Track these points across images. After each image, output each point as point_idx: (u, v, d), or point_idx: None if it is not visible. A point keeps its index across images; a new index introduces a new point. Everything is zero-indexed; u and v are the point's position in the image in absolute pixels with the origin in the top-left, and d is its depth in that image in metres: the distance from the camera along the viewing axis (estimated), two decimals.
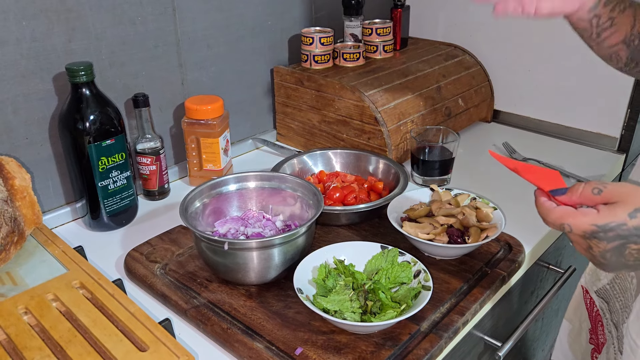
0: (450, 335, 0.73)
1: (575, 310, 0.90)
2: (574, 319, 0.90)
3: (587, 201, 0.56)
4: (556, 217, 0.57)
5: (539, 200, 0.60)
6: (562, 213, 0.57)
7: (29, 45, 0.89)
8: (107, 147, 0.91)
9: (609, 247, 0.55)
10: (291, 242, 0.78)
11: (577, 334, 0.89)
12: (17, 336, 0.61)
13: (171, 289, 0.80)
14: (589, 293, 0.85)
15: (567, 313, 0.91)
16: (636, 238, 0.53)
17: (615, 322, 0.80)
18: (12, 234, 0.71)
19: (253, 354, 0.69)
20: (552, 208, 0.58)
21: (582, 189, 0.56)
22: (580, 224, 0.55)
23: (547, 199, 0.60)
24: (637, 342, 0.71)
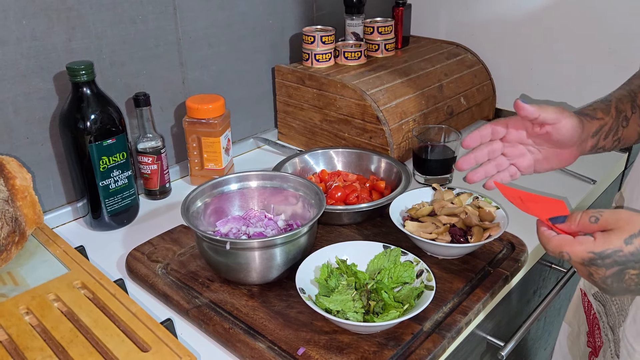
0: (453, 335, 0.72)
1: (575, 313, 0.89)
2: (573, 321, 0.90)
3: (584, 229, 0.58)
4: (555, 245, 0.59)
5: (539, 229, 0.62)
6: (560, 242, 0.58)
7: (29, 44, 0.88)
8: (108, 146, 0.91)
9: (608, 273, 0.56)
10: (293, 242, 0.77)
11: (575, 337, 0.89)
12: (19, 336, 0.60)
13: (173, 289, 0.80)
14: (587, 296, 0.85)
15: (567, 316, 0.91)
16: (633, 264, 0.54)
17: (612, 325, 0.79)
18: (13, 234, 0.71)
19: (255, 354, 0.68)
20: (551, 237, 0.60)
21: (580, 217, 0.58)
22: (578, 252, 0.56)
23: (547, 227, 0.62)
24: (634, 347, 0.71)
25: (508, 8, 1.33)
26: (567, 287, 1.06)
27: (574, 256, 0.57)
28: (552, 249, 0.59)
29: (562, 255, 0.58)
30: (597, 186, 1.11)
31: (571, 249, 0.57)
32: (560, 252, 0.58)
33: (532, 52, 1.33)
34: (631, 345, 0.71)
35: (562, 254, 0.58)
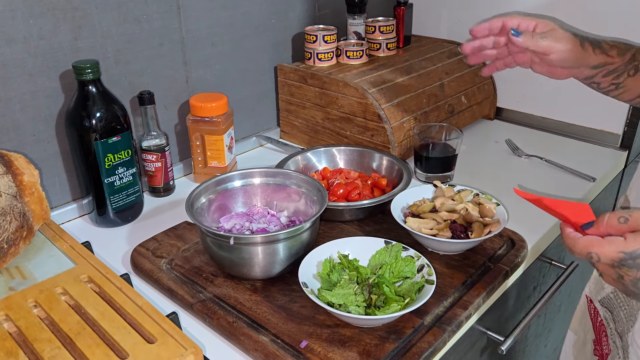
0: (453, 329, 0.73)
1: (580, 320, 0.89)
2: (578, 329, 0.89)
3: (613, 231, 0.55)
4: (583, 246, 0.56)
5: (564, 232, 0.59)
6: (588, 242, 0.56)
7: (36, 43, 0.90)
8: (113, 144, 0.92)
9: (637, 275, 0.53)
10: (296, 237, 0.79)
11: (582, 345, 0.89)
12: (28, 328, 0.62)
13: (177, 284, 0.81)
14: (593, 303, 0.84)
15: (572, 324, 0.91)
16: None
17: (620, 331, 0.79)
18: (21, 229, 0.72)
19: (259, 347, 0.70)
20: (578, 238, 0.57)
21: (608, 218, 0.55)
22: (608, 252, 0.54)
23: (572, 229, 0.59)
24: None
25: (508, 7, 1.34)
26: (567, 284, 1.07)
27: (604, 257, 0.54)
28: (579, 250, 0.56)
29: (590, 256, 0.55)
30: (597, 184, 1.12)
31: (600, 250, 0.54)
32: (588, 252, 0.55)
33: None
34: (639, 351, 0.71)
35: (590, 255, 0.55)
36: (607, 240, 0.54)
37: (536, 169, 1.17)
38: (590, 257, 0.55)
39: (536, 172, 1.16)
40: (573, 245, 0.57)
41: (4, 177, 0.71)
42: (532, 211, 1.00)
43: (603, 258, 0.54)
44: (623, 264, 0.53)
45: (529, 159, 1.21)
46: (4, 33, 0.86)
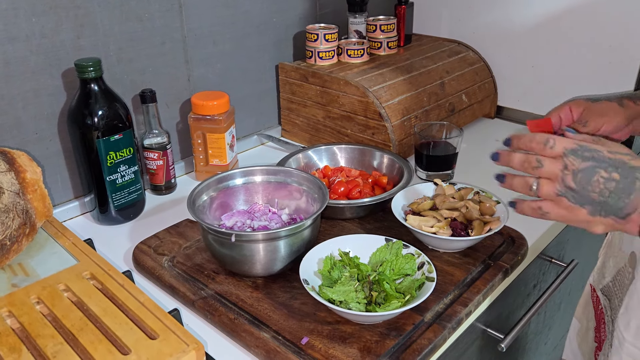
0: (453, 326, 0.74)
1: (584, 309, 0.90)
2: (582, 318, 0.91)
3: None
4: (543, 135, 0.61)
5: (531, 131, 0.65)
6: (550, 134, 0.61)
7: (38, 41, 0.90)
8: (115, 141, 0.93)
9: (582, 166, 0.58)
10: (297, 235, 0.79)
11: (584, 332, 0.90)
12: (31, 324, 0.62)
13: (179, 281, 0.82)
14: (595, 291, 0.86)
15: (577, 312, 0.92)
16: (607, 166, 0.58)
17: (613, 318, 0.80)
18: (24, 226, 0.72)
19: (260, 343, 0.70)
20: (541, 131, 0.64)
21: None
22: (564, 141, 0.60)
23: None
24: (624, 335, 0.72)
25: (509, 6, 1.35)
26: (567, 282, 1.07)
27: (559, 143, 0.59)
28: (539, 137, 0.61)
29: (547, 141, 0.60)
30: None
31: (558, 139, 0.60)
32: (547, 138, 0.60)
33: (533, 49, 1.34)
34: (622, 334, 0.72)
35: (548, 139, 0.60)
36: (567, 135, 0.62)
37: None
38: (547, 141, 0.60)
39: None
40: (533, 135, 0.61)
41: (7, 175, 0.72)
42: None
43: (558, 143, 0.59)
44: (573, 152, 0.59)
45: None
46: (6, 31, 0.86)
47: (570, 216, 0.61)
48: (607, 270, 0.83)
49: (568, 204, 0.60)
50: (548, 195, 0.61)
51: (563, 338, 1.39)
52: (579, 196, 0.59)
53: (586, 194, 0.59)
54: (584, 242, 1.25)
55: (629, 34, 1.19)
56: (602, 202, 0.59)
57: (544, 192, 0.62)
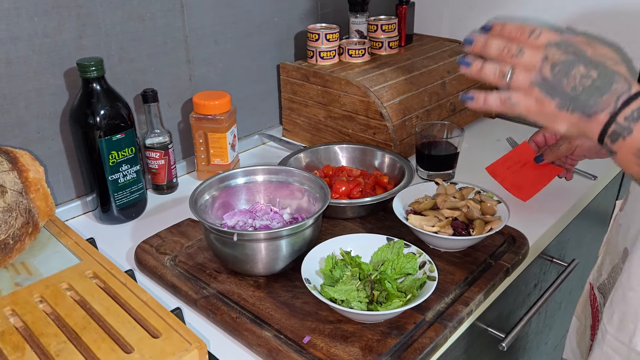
0: (454, 325, 0.74)
1: (583, 307, 0.91)
2: (581, 316, 0.91)
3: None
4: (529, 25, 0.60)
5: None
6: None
7: (40, 41, 0.90)
8: (117, 141, 0.93)
9: (563, 58, 0.58)
10: (299, 234, 0.79)
11: (583, 331, 0.91)
12: (34, 323, 0.62)
13: (181, 280, 0.82)
14: (593, 289, 0.86)
15: (576, 310, 0.92)
16: (587, 62, 0.57)
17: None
18: (26, 225, 0.73)
19: (262, 342, 0.70)
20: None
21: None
22: (550, 34, 0.59)
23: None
24: (607, 327, 0.72)
25: (509, 6, 1.35)
26: (567, 281, 1.07)
27: (545, 34, 0.59)
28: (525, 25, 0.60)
29: (533, 30, 0.60)
30: (598, 182, 1.12)
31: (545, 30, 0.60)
32: (533, 28, 0.60)
33: None
34: (605, 326, 0.73)
35: (534, 29, 0.60)
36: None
37: None
38: (533, 29, 0.60)
39: None
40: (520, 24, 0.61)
41: (9, 174, 0.72)
42: (533, 209, 1.01)
43: (543, 35, 0.59)
44: (557, 44, 0.59)
45: None
46: (9, 31, 0.86)
47: (538, 108, 0.61)
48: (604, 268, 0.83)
49: (539, 95, 0.60)
50: (522, 84, 0.61)
51: (563, 338, 1.39)
52: (551, 87, 0.59)
53: (560, 85, 0.58)
54: (584, 241, 1.25)
55: (629, 35, 1.20)
56: (573, 96, 0.58)
57: (518, 80, 0.61)
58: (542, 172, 1.01)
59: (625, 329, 0.70)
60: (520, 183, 0.93)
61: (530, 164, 1.01)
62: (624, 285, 0.70)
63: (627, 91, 0.57)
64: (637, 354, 0.69)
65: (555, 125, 0.61)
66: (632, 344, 0.69)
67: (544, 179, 1.01)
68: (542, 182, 1.01)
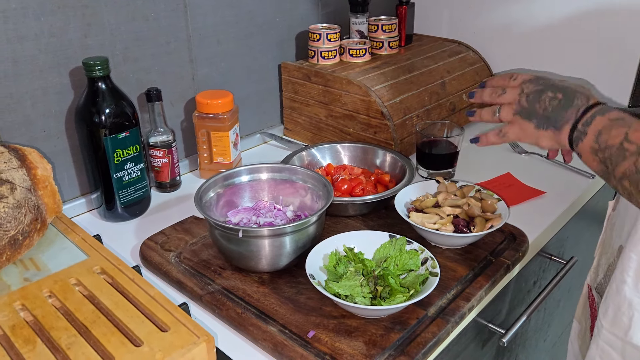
0: (456, 320, 0.75)
1: (583, 310, 0.92)
2: (581, 319, 0.92)
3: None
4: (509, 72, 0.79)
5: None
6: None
7: (47, 40, 0.91)
8: (122, 139, 0.94)
9: (534, 89, 0.74)
10: (302, 231, 0.80)
11: (583, 333, 0.91)
12: (44, 317, 0.63)
13: (186, 276, 0.83)
14: (591, 291, 0.88)
15: (576, 313, 0.93)
16: (554, 89, 0.72)
17: None
18: (35, 222, 0.74)
19: (267, 336, 0.72)
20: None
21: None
22: (525, 75, 0.77)
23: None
24: (602, 322, 0.74)
25: (509, 6, 1.36)
26: (566, 279, 1.09)
27: (520, 76, 0.77)
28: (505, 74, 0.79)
29: (512, 75, 0.78)
30: (595, 180, 1.14)
31: (520, 74, 0.78)
32: (512, 74, 0.78)
33: (533, 49, 1.36)
34: (600, 321, 0.74)
35: (512, 75, 0.78)
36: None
37: (536, 166, 1.19)
38: (511, 75, 0.78)
39: (536, 169, 1.18)
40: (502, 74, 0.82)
41: (18, 171, 0.73)
42: (532, 207, 1.03)
43: (519, 77, 0.77)
44: (530, 81, 0.75)
45: (529, 156, 1.23)
46: (15, 30, 0.87)
47: (522, 132, 0.75)
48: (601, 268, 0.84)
49: (520, 121, 0.75)
50: (507, 116, 0.76)
51: (562, 335, 1.41)
52: (528, 112, 0.74)
53: (533, 109, 0.73)
54: (583, 239, 1.27)
55: (629, 34, 1.21)
56: (545, 116, 0.72)
57: (504, 114, 0.77)
58: (525, 192, 1.08)
59: (620, 323, 0.71)
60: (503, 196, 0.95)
61: (514, 187, 1.10)
62: (617, 279, 0.72)
63: (585, 104, 0.70)
64: (632, 347, 0.70)
65: (538, 142, 0.75)
66: (627, 337, 0.71)
67: (525, 198, 1.06)
68: (522, 198, 1.06)
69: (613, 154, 0.64)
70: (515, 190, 1.08)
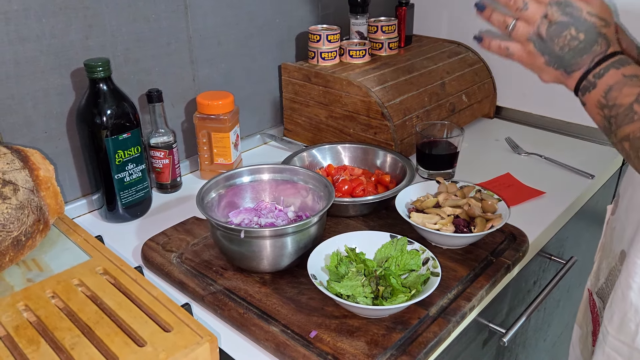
0: (457, 320, 0.76)
1: (584, 315, 0.92)
2: (582, 324, 0.92)
3: None
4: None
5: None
6: None
7: (48, 41, 0.91)
8: (124, 140, 0.94)
9: (559, 19, 0.64)
10: (304, 231, 0.81)
11: (585, 338, 0.91)
12: (47, 318, 0.64)
13: (188, 277, 0.83)
14: (592, 295, 0.87)
15: (577, 318, 0.93)
16: (579, 25, 0.64)
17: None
18: (38, 223, 0.74)
19: (269, 336, 0.72)
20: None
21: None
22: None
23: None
24: (608, 329, 0.73)
25: None
26: (566, 279, 1.09)
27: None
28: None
29: None
30: (595, 180, 1.14)
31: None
32: None
33: None
34: (606, 327, 0.73)
35: None
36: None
37: (536, 166, 1.20)
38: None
39: (536, 169, 1.19)
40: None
41: (21, 172, 0.73)
42: (532, 207, 1.03)
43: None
44: (558, 4, 0.64)
45: (528, 156, 1.24)
46: (17, 32, 0.87)
47: (529, 60, 0.69)
48: (602, 272, 0.84)
49: (532, 49, 0.68)
50: (520, 36, 0.68)
51: (562, 335, 1.41)
52: (543, 45, 0.66)
53: (551, 44, 0.66)
54: (582, 239, 1.27)
55: None
56: (560, 55, 0.66)
57: (518, 33, 0.68)
58: (524, 193, 1.08)
59: (627, 329, 0.71)
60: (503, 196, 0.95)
61: (514, 187, 1.09)
62: (623, 286, 0.71)
63: (603, 52, 0.64)
64: (639, 354, 0.70)
65: (541, 75, 0.70)
66: (634, 343, 0.70)
67: (524, 198, 1.06)
68: (522, 199, 1.06)
69: (620, 113, 0.61)
70: (515, 190, 1.08)
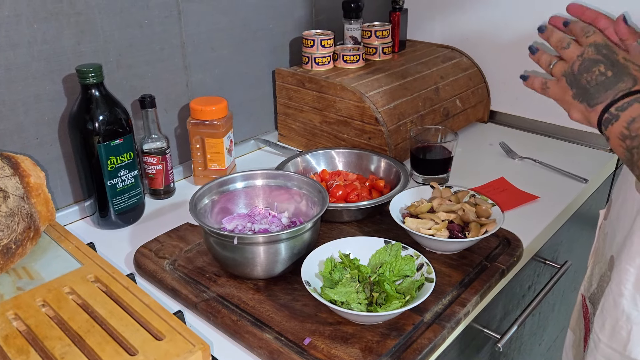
0: (452, 326, 0.75)
1: (577, 320, 0.92)
2: (576, 328, 0.92)
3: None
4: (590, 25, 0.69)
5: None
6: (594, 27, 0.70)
7: (40, 47, 0.91)
8: (116, 146, 0.93)
9: (592, 57, 0.67)
10: (298, 237, 0.80)
11: (578, 344, 0.91)
12: (37, 327, 0.63)
13: (181, 284, 0.82)
14: (585, 300, 0.87)
15: (571, 323, 0.93)
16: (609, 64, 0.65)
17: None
18: (28, 230, 0.73)
19: (263, 344, 0.71)
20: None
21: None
22: (599, 35, 0.68)
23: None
24: (599, 336, 0.73)
25: (501, 12, 1.37)
26: (560, 283, 1.09)
27: (594, 35, 0.67)
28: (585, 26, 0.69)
29: (588, 30, 0.68)
30: (588, 185, 1.14)
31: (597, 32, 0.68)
32: (589, 29, 0.68)
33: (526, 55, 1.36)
34: (597, 335, 0.73)
35: (589, 30, 0.68)
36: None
37: (529, 170, 1.20)
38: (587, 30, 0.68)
39: (529, 173, 1.19)
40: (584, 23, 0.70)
41: (11, 179, 0.73)
42: (526, 212, 1.03)
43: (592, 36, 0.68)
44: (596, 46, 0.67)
45: (522, 160, 1.24)
46: (8, 37, 0.87)
47: (561, 95, 0.71)
48: (594, 277, 0.84)
49: (564, 84, 0.70)
50: (557, 72, 0.71)
51: (557, 339, 1.41)
52: (573, 79, 0.68)
53: (579, 78, 0.67)
54: (576, 244, 1.27)
55: None
56: (584, 89, 0.67)
57: (556, 69, 0.71)
58: (518, 197, 1.08)
59: (618, 337, 0.70)
60: (497, 201, 0.95)
61: (508, 191, 1.10)
62: (614, 292, 0.71)
63: (627, 88, 0.64)
64: None
65: (571, 112, 0.71)
66: (626, 351, 0.70)
67: (518, 202, 1.06)
68: (516, 203, 1.05)
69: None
70: (509, 195, 1.08)
